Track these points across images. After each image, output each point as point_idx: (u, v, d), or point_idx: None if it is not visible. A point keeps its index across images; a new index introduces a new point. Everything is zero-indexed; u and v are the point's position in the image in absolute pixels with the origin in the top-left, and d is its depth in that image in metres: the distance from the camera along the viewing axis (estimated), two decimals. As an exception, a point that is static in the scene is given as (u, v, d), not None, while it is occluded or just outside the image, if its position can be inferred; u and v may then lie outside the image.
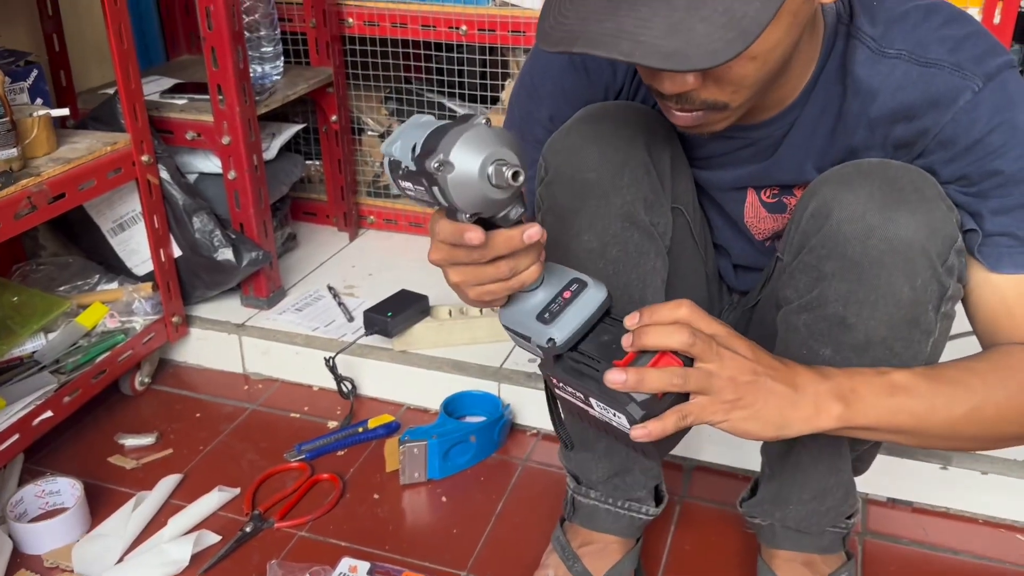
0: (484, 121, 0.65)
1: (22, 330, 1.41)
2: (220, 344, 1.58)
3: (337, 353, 1.45)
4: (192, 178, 1.60)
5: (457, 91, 1.88)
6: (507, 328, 0.78)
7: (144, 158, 1.40)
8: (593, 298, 0.75)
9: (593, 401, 0.73)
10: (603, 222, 0.88)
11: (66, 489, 1.23)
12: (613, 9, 0.66)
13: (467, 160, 0.63)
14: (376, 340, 1.50)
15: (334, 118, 1.82)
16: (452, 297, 1.54)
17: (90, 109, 1.51)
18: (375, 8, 1.74)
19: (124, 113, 1.36)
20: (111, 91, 1.45)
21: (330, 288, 1.70)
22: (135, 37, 1.30)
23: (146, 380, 1.54)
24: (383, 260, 1.83)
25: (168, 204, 1.48)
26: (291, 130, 1.76)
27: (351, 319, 1.60)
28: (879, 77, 0.81)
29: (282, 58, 1.70)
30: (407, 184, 0.69)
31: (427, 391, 1.47)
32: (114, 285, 1.55)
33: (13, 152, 1.21)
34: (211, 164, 1.58)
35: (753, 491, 1.05)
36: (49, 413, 1.27)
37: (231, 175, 1.51)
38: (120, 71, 1.34)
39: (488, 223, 0.69)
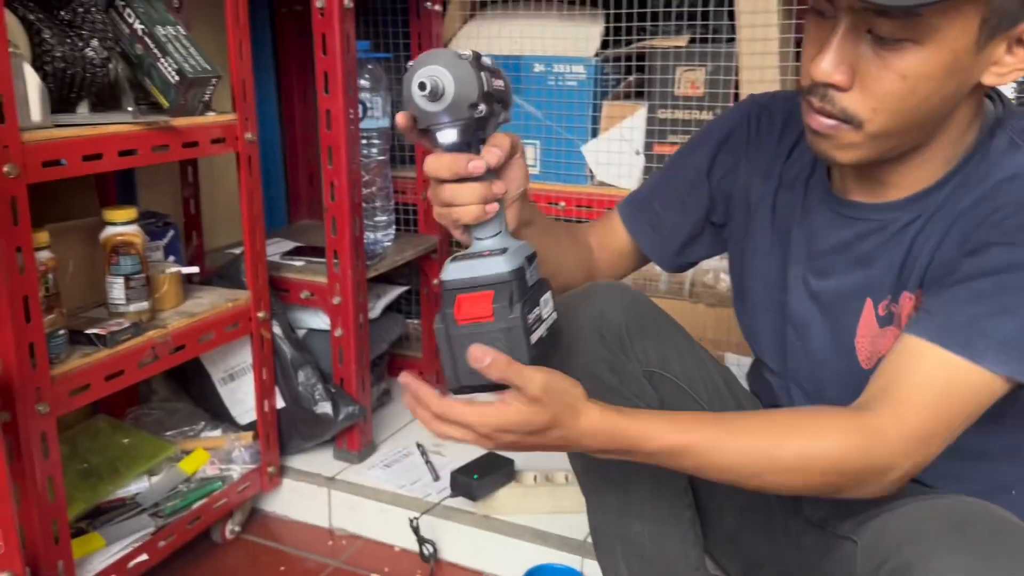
0: (450, 50, 0.73)
1: (128, 472, 1.48)
2: (310, 496, 1.61)
3: (421, 514, 1.46)
4: (301, 333, 1.69)
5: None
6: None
7: (260, 314, 1.50)
8: (495, 264, 0.76)
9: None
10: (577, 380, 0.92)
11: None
12: None
13: (409, 74, 0.73)
14: (460, 502, 1.51)
15: (436, 281, 1.92)
16: (538, 463, 1.56)
17: (217, 267, 1.64)
18: (481, 183, 1.87)
19: (247, 272, 1.48)
20: (237, 251, 1.58)
21: (419, 445, 1.73)
22: (263, 202, 1.43)
23: (236, 529, 1.57)
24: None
25: (277, 357, 1.57)
26: (395, 292, 1.86)
27: (437, 478, 1.62)
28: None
29: (394, 226, 1.82)
30: None
31: (508, 559, 1.45)
32: (217, 433, 1.62)
33: (144, 305, 1.32)
34: (320, 321, 1.67)
35: None
36: (144, 556, 1.31)
37: (338, 332, 1.59)
38: (248, 234, 1.47)
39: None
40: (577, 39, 1.74)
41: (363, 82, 1.67)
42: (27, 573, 1.13)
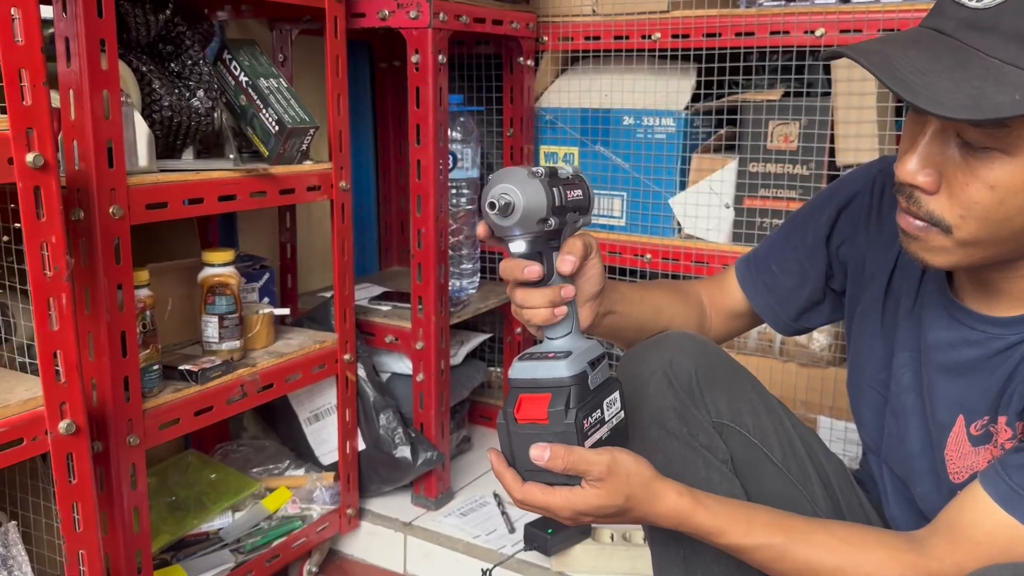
0: (524, 168, 0.79)
1: (213, 507, 1.52)
2: (386, 541, 1.62)
3: (494, 566, 1.44)
4: (385, 377, 1.72)
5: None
6: None
7: (347, 356, 1.53)
8: (557, 368, 0.80)
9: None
10: (643, 430, 0.94)
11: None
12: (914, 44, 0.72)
13: (486, 189, 0.79)
14: (534, 556, 1.48)
15: (519, 330, 1.92)
16: (617, 520, 1.52)
17: (308, 309, 1.69)
18: (568, 234, 1.87)
19: (335, 316, 1.52)
20: (328, 295, 1.62)
21: (495, 495, 1.72)
22: (355, 249, 1.47)
23: (314, 570, 1.59)
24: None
25: (360, 400, 1.59)
26: (478, 339, 1.86)
27: (512, 530, 1.60)
28: None
29: (479, 274, 1.84)
30: None
31: (582, 619, 1.41)
32: (300, 472, 1.65)
33: (236, 344, 1.37)
34: (403, 365, 1.70)
35: None
36: (223, 590, 1.34)
37: (419, 377, 1.61)
38: (338, 279, 1.51)
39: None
40: (667, 92, 1.73)
41: (455, 134, 1.71)
42: (111, 600, 1.17)
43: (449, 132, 1.72)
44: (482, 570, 1.44)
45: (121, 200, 1.10)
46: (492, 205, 0.77)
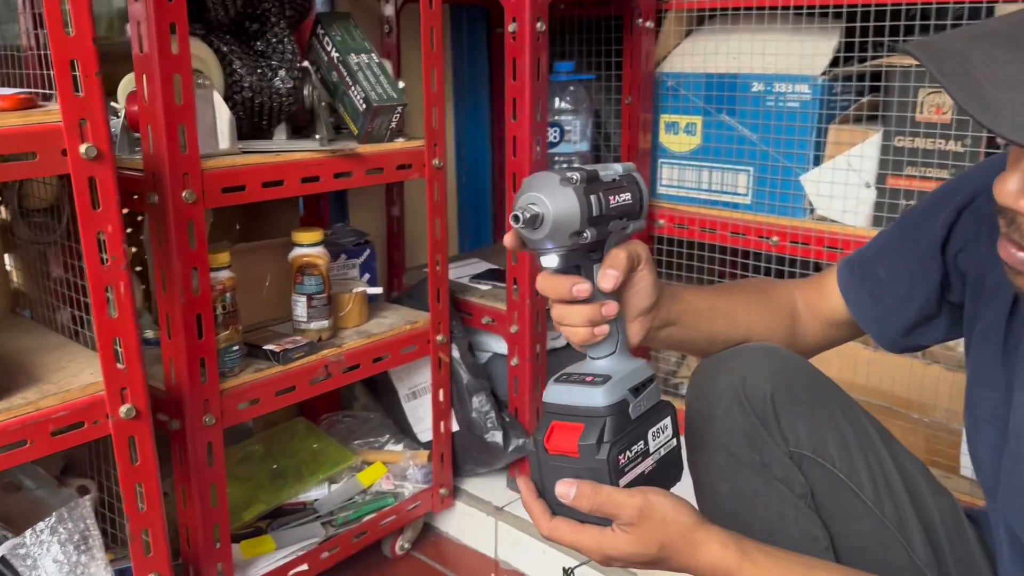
0: (558, 172, 0.71)
1: (311, 478, 1.55)
2: (479, 523, 1.59)
3: (578, 565, 1.38)
4: (486, 356, 1.68)
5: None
6: None
7: (439, 338, 1.50)
8: (593, 396, 0.72)
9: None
10: (707, 452, 0.86)
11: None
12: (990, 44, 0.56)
13: (516, 196, 0.72)
14: (626, 558, 1.40)
15: (633, 313, 1.81)
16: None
17: (411, 285, 1.67)
18: (686, 212, 1.73)
19: (429, 296, 1.48)
20: (427, 272, 1.59)
21: (598, 486, 1.64)
22: (469, 222, 1.43)
23: (406, 545, 1.59)
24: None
25: (454, 381, 1.56)
26: (588, 321, 1.78)
27: (609, 526, 1.52)
28: None
29: (589, 252, 1.74)
30: None
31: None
32: (399, 447, 1.65)
33: (325, 324, 1.36)
34: (503, 345, 1.64)
35: None
36: (305, 567, 1.36)
37: (514, 361, 1.55)
38: (431, 258, 1.47)
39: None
40: (803, 55, 1.54)
41: (563, 104, 1.62)
42: (191, 572, 1.22)
43: (557, 102, 1.62)
44: (564, 568, 1.38)
45: (195, 184, 1.10)
46: (516, 218, 0.69)
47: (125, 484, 1.01)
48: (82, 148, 0.90)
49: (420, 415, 1.64)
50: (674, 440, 0.79)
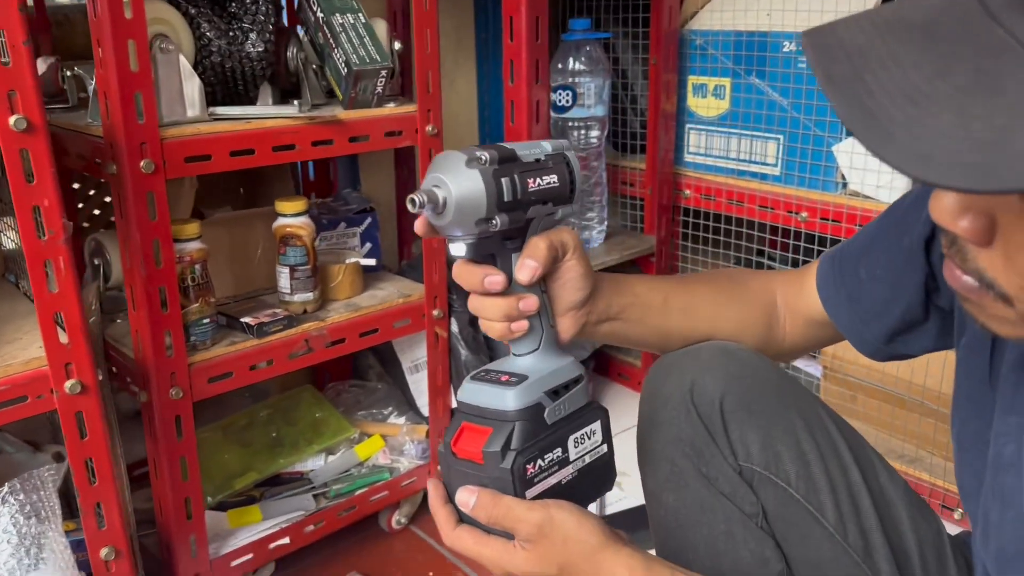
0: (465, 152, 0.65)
1: (308, 447, 1.53)
2: (478, 502, 1.55)
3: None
4: (493, 330, 1.62)
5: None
6: None
7: (435, 312, 1.44)
8: (503, 398, 0.66)
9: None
10: (653, 460, 0.79)
11: (279, 617, 1.29)
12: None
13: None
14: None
15: (653, 289, 1.71)
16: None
17: (419, 255, 1.62)
18: (713, 182, 1.62)
19: (424, 269, 1.43)
20: (429, 243, 1.53)
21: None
22: None
23: (403, 520, 1.56)
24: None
25: (452, 357, 1.51)
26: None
27: (600, 509, 1.45)
28: None
29: (606, 223, 1.65)
30: None
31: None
32: (401, 420, 1.62)
33: (309, 296, 1.33)
34: (510, 321, 1.58)
35: None
36: (287, 540, 1.35)
37: (514, 339, 1.49)
38: (426, 230, 1.41)
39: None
40: (838, 12, 1.39)
41: (577, 65, 1.52)
42: (163, 544, 1.22)
43: (571, 63, 1.53)
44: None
45: (154, 154, 1.07)
46: (412, 201, 0.63)
47: (74, 459, 1.00)
48: (11, 120, 0.87)
49: (423, 388, 1.60)
50: (603, 446, 0.72)
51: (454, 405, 1.54)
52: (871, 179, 1.39)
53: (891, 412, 1.47)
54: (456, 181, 0.63)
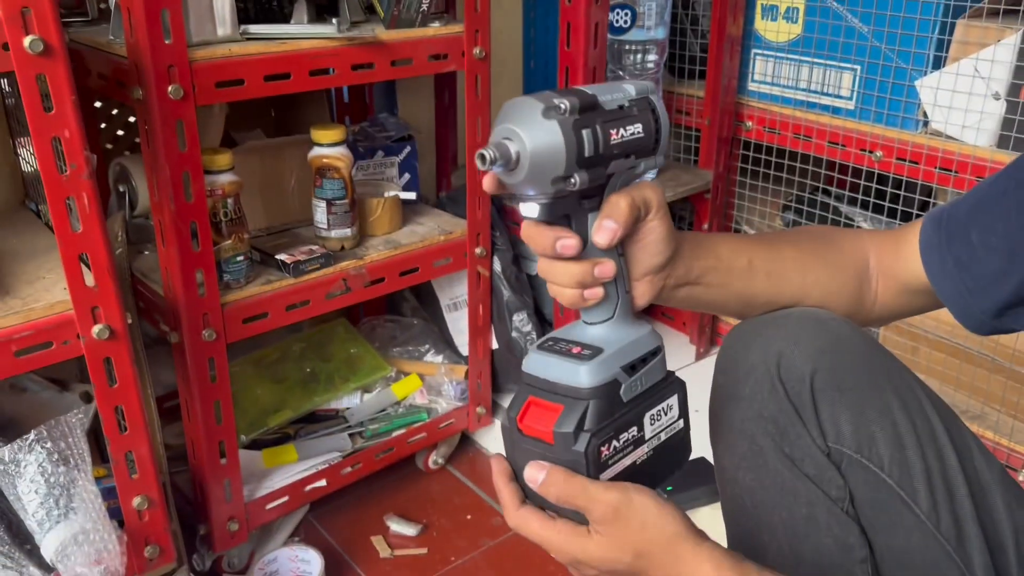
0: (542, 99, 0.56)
1: (344, 385, 1.48)
2: (517, 445, 1.50)
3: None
4: (536, 267, 1.54)
5: (872, 214, 1.54)
6: None
7: (478, 250, 1.36)
8: (576, 373, 0.60)
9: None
10: (730, 435, 0.73)
11: (314, 560, 1.25)
12: None
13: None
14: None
15: (705, 226, 1.62)
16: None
17: (459, 186, 1.53)
18: (779, 114, 1.50)
19: (468, 205, 1.34)
20: (472, 174, 1.44)
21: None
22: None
23: (439, 460, 1.52)
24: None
25: (494, 297, 1.44)
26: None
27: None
28: None
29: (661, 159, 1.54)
30: None
31: None
32: (439, 359, 1.56)
33: (347, 232, 1.25)
34: (555, 259, 1.50)
35: None
36: (323, 482, 1.31)
37: (560, 280, 1.41)
38: (471, 163, 1.32)
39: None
40: (936, -72, 1.25)
41: (638, -17, 1.39)
42: (196, 485, 1.18)
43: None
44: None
45: (183, 79, 0.98)
46: (483, 157, 0.55)
47: (103, 406, 0.95)
48: (26, 41, 0.78)
49: (461, 327, 1.54)
50: (680, 422, 0.66)
51: (495, 346, 1.48)
52: (956, 118, 1.27)
53: (958, 367, 1.39)
54: (531, 133, 0.55)
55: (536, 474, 0.60)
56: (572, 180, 0.56)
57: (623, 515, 0.58)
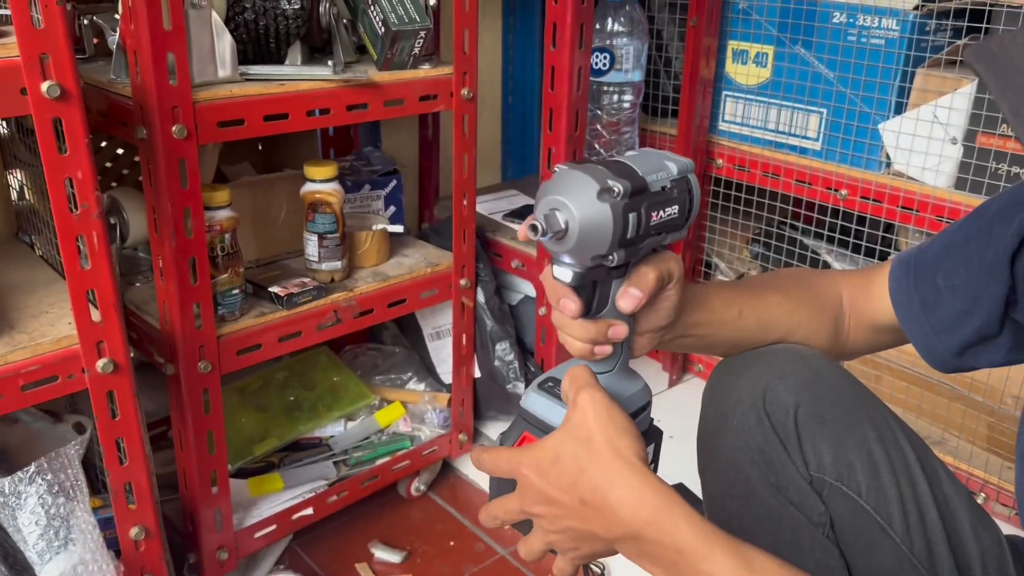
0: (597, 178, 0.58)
1: (328, 413, 1.50)
2: (498, 472, 1.54)
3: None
4: (517, 298, 1.59)
5: (836, 248, 1.62)
6: None
7: (463, 282, 1.40)
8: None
9: None
10: (718, 464, 0.78)
11: (302, 588, 1.27)
12: None
13: (541, 191, 0.62)
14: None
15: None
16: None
17: (441, 218, 1.57)
18: (748, 153, 1.57)
19: (454, 238, 1.38)
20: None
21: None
22: (516, 150, 1.31)
23: (422, 487, 1.55)
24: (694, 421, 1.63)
25: (477, 326, 1.48)
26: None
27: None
28: None
29: (636, 192, 1.61)
30: None
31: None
32: (421, 386, 1.59)
33: (337, 265, 1.28)
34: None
35: None
36: (310, 510, 1.33)
37: (542, 311, 1.45)
38: (456, 199, 1.36)
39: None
40: (896, -17, 1.33)
41: (616, 27, 1.45)
42: (188, 515, 1.19)
43: (609, 24, 1.46)
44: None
45: (186, 119, 1.01)
46: (535, 228, 0.58)
47: (105, 439, 0.97)
48: (44, 86, 0.81)
49: (444, 356, 1.57)
50: (651, 465, 0.71)
51: (477, 375, 1.52)
52: (917, 160, 1.35)
53: (919, 395, 1.46)
54: (584, 212, 0.58)
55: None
56: (611, 258, 0.60)
57: (590, 407, 0.63)
